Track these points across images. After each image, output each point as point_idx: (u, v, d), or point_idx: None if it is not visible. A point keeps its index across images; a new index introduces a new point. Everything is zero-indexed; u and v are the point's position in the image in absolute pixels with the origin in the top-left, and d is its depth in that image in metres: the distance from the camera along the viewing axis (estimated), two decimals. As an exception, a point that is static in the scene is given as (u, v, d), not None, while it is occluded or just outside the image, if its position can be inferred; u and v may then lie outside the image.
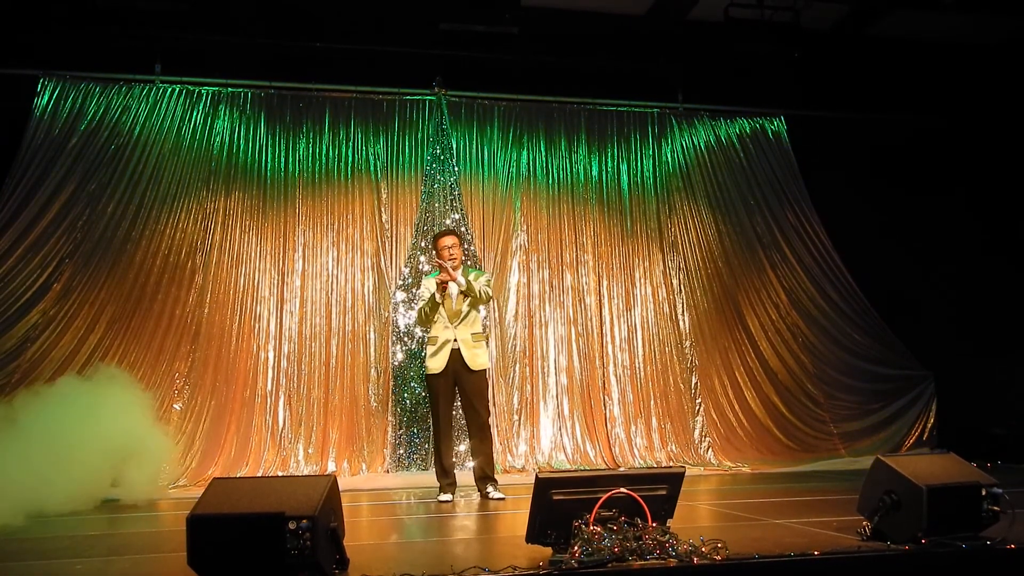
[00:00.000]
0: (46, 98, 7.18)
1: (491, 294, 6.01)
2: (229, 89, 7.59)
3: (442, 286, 5.68)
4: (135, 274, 7.08)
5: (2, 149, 6.99)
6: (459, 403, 5.95)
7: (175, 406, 6.91)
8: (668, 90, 8.47)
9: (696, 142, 8.49)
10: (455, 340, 5.70)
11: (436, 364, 5.70)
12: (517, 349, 7.70)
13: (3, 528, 4.50)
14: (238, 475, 6.57)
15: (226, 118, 7.56)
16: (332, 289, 7.49)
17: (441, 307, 5.72)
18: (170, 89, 7.47)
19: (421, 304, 5.86)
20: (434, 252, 6.16)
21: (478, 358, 5.74)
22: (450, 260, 5.75)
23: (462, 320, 5.74)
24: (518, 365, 7.67)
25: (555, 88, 8.19)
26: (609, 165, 8.28)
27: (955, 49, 8.18)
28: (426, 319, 5.82)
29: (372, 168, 7.75)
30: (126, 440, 5.76)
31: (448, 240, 5.85)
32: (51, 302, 6.82)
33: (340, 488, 3.38)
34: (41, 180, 7.00)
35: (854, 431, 8.00)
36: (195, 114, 7.50)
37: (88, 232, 7.04)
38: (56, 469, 5.19)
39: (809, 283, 8.35)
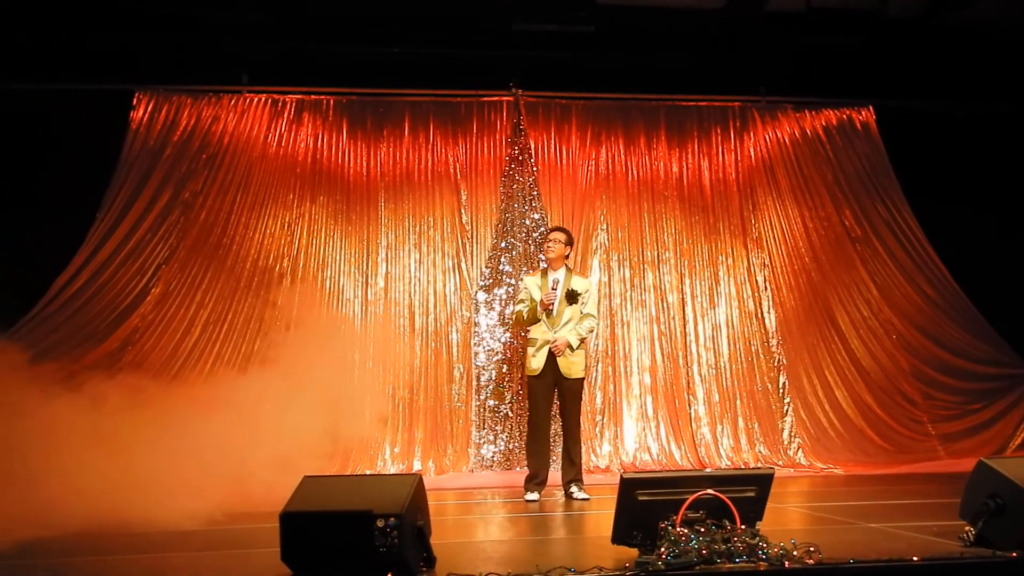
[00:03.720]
0: (142, 111, 7.51)
1: (593, 327, 5.96)
2: (312, 97, 7.79)
3: (544, 305, 5.71)
4: (226, 278, 7.33)
5: (102, 161, 7.34)
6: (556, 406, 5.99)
7: (266, 405, 7.10)
8: (749, 83, 8.30)
9: (779, 135, 8.29)
10: (552, 344, 5.71)
11: (535, 365, 5.75)
12: (599, 349, 7.66)
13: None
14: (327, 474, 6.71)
15: (310, 125, 7.76)
16: (415, 290, 7.60)
17: (544, 313, 5.76)
18: (256, 99, 7.71)
19: (521, 308, 5.88)
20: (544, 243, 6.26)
21: (573, 367, 5.74)
22: (548, 252, 5.86)
23: (563, 325, 5.75)
24: (600, 365, 7.63)
25: (633, 85, 8.10)
26: (690, 161, 8.15)
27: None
28: (523, 324, 5.89)
29: (452, 170, 7.83)
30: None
31: (554, 235, 5.94)
32: (150, 306, 7.12)
33: (426, 487, 3.42)
34: (139, 190, 7.33)
35: (954, 432, 7.63)
36: (280, 122, 7.72)
37: (183, 239, 7.33)
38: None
39: (902, 278, 8.04)
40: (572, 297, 5.74)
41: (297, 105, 7.78)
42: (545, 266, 6.05)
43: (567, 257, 5.97)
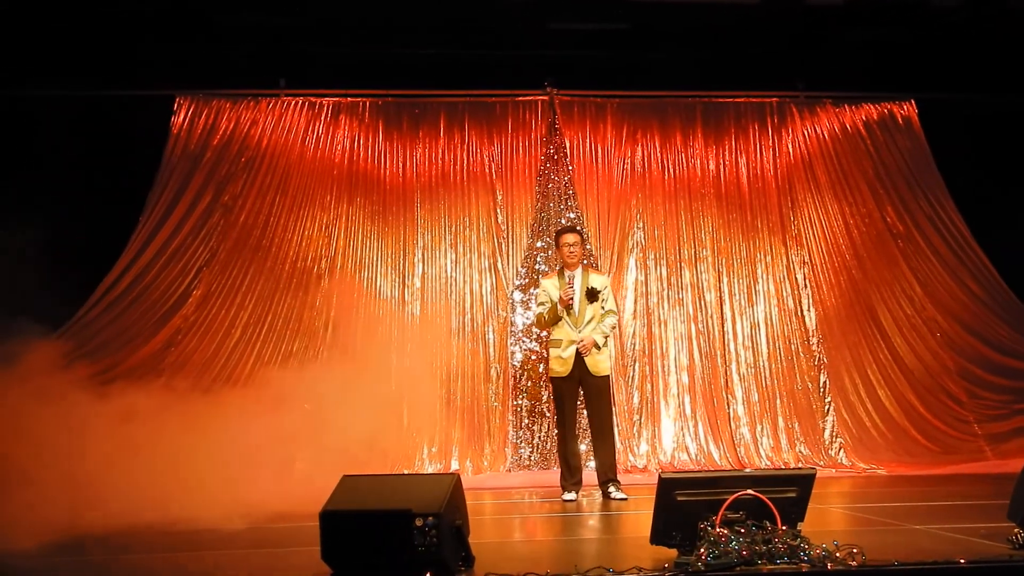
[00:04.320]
0: (182, 116, 7.64)
1: (615, 323, 5.96)
2: (348, 100, 7.86)
3: (564, 302, 5.68)
4: (265, 280, 7.43)
5: (144, 166, 7.48)
6: (581, 403, 5.96)
7: (305, 406, 7.18)
8: (787, 78, 8.20)
9: (819, 131, 8.18)
10: (579, 343, 5.69)
11: (562, 367, 5.71)
12: (636, 348, 7.62)
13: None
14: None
15: (346, 127, 7.84)
16: (451, 290, 7.63)
17: (566, 313, 5.73)
18: (294, 102, 7.81)
19: (541, 310, 5.86)
20: (555, 246, 6.16)
21: (600, 365, 5.73)
22: (570, 258, 5.76)
23: (586, 324, 5.73)
24: (637, 364, 7.59)
25: (669, 83, 8.05)
26: (727, 158, 8.08)
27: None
28: (545, 325, 5.86)
29: (487, 170, 7.85)
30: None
31: (570, 238, 5.85)
32: (192, 308, 7.24)
33: (463, 486, 3.43)
34: (180, 193, 7.46)
35: (1001, 432, 7.44)
36: (317, 125, 7.80)
37: (223, 241, 7.44)
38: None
39: (946, 275, 7.89)
40: (592, 295, 5.71)
41: (334, 108, 7.86)
42: (559, 267, 6.01)
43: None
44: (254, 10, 7.21)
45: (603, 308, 5.77)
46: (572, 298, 5.68)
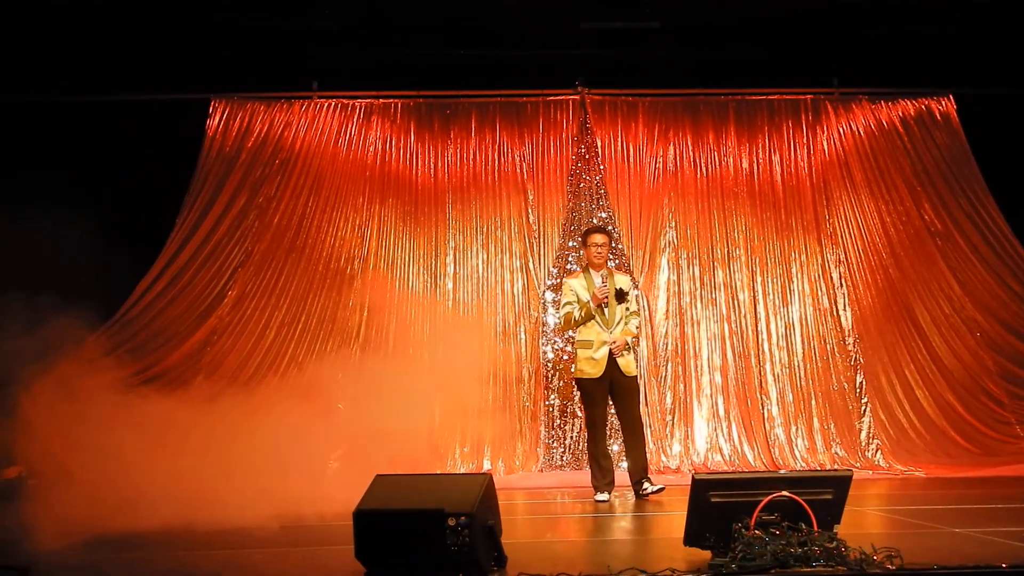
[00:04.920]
0: (217, 119, 7.75)
1: (639, 324, 5.96)
2: (380, 101, 7.92)
3: (598, 300, 5.66)
4: (299, 280, 7.51)
5: (181, 168, 7.59)
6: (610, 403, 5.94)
7: (339, 406, 7.24)
8: (822, 75, 8.11)
9: (854, 127, 8.07)
10: (612, 344, 5.66)
11: (594, 368, 5.67)
12: (668, 348, 7.58)
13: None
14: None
15: (378, 129, 7.90)
16: (483, 291, 7.65)
17: (596, 314, 5.70)
18: (327, 104, 7.88)
19: (570, 310, 5.78)
20: (582, 246, 6.11)
21: (631, 365, 5.73)
22: (598, 258, 5.74)
23: (616, 324, 5.71)
24: (670, 364, 7.55)
25: (701, 80, 8.01)
26: (760, 156, 8.01)
27: None
28: (575, 326, 5.81)
29: (518, 170, 7.86)
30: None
31: (599, 238, 5.82)
32: (227, 308, 7.34)
33: (495, 486, 3.43)
34: (215, 195, 7.57)
35: (1044, 434, 7.31)
36: (350, 126, 7.87)
37: (257, 242, 7.54)
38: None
39: (986, 273, 7.74)
40: (621, 296, 5.69)
41: (366, 109, 7.92)
42: (584, 266, 5.96)
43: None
44: (286, 14, 7.28)
45: (628, 309, 5.75)
46: (607, 296, 5.66)
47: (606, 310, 5.69)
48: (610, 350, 5.63)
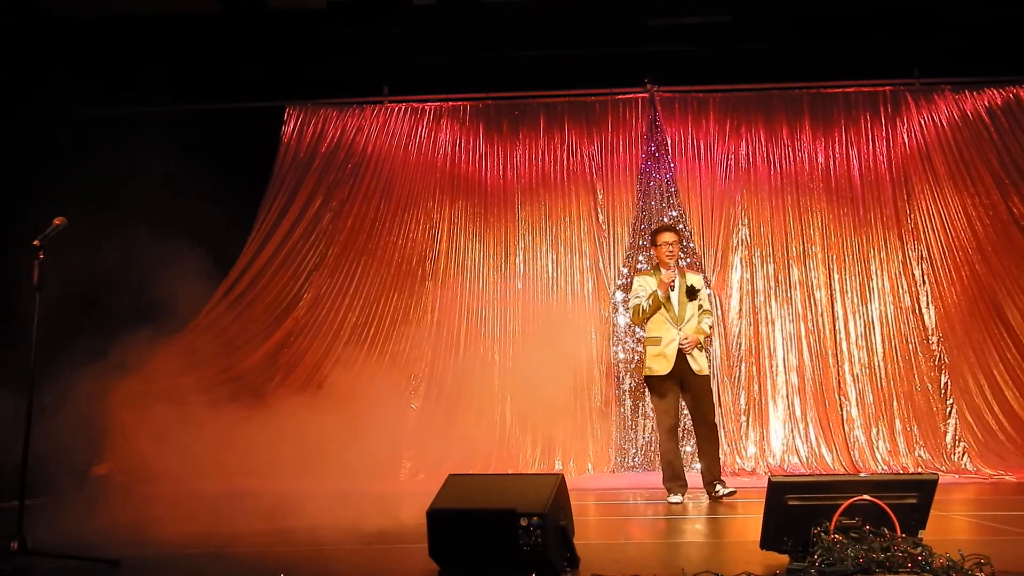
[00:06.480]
0: (292, 125, 7.95)
1: (712, 323, 5.85)
2: (449, 104, 7.99)
3: (665, 287, 5.58)
4: (371, 282, 7.64)
5: (258, 174, 7.81)
6: (683, 404, 5.85)
7: (412, 406, 7.34)
8: (901, 65, 7.85)
9: (936, 119, 7.79)
10: (684, 340, 5.58)
11: (662, 366, 5.60)
12: (743, 348, 7.44)
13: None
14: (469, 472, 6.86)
15: (448, 131, 7.98)
16: (552, 291, 7.64)
17: (666, 310, 5.63)
18: (397, 108, 8.00)
19: (639, 301, 5.71)
20: (652, 245, 6.03)
21: (703, 363, 5.63)
22: (669, 257, 5.65)
23: (687, 322, 5.62)
24: (744, 364, 7.41)
25: (774, 74, 7.84)
26: (836, 150, 7.80)
27: None
28: (644, 317, 5.72)
29: (587, 170, 7.83)
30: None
31: (668, 236, 5.72)
32: (303, 310, 7.52)
33: (567, 487, 3.42)
34: (291, 200, 7.77)
35: None
36: (420, 129, 7.97)
37: (331, 245, 7.70)
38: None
39: (1081, 268, 7.37)
40: (692, 293, 5.59)
41: (435, 112, 8.01)
42: (649, 267, 5.88)
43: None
44: (358, 22, 7.40)
45: (700, 307, 5.66)
46: (673, 280, 5.57)
47: (676, 306, 5.61)
48: (680, 348, 5.55)
